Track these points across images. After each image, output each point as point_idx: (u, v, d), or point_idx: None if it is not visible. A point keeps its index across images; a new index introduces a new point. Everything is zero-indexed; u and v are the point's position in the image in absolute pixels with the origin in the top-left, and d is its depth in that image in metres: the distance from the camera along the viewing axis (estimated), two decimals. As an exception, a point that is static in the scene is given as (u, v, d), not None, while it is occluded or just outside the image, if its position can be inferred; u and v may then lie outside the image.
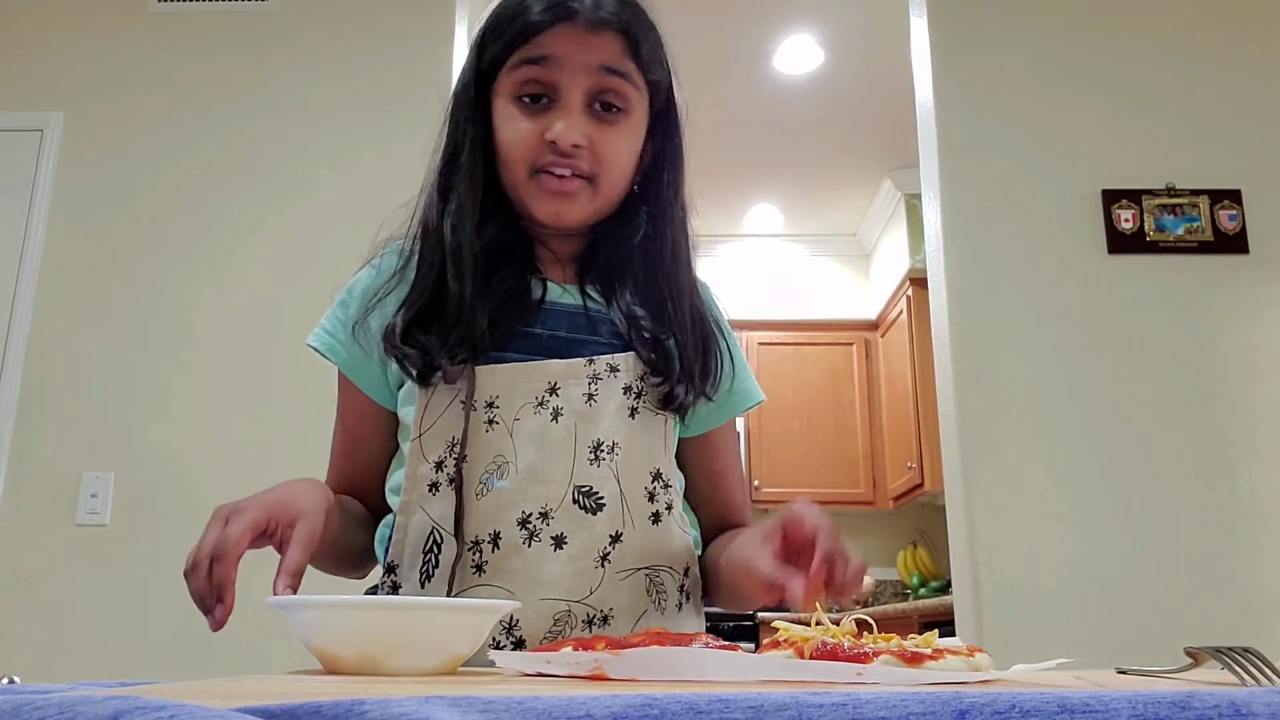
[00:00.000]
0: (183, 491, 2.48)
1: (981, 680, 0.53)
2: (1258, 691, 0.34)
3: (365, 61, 2.83)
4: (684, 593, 0.99)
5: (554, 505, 0.91)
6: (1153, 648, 2.27)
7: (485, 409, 0.93)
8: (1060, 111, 2.75)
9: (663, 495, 0.96)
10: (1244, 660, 0.56)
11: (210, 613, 0.75)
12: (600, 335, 0.98)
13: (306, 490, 0.84)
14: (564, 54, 0.92)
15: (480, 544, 0.91)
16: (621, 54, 0.94)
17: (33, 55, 2.84)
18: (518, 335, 0.96)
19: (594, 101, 0.95)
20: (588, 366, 0.95)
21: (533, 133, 0.94)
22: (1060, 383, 2.56)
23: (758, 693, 0.34)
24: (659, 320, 0.98)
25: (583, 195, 0.96)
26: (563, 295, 1.00)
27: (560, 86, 0.93)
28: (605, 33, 0.93)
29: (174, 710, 0.29)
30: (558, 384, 0.94)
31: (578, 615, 0.91)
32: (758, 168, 4.82)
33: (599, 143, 0.94)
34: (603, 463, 0.93)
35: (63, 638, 2.42)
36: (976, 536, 2.47)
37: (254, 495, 0.81)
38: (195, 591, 0.76)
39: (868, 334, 5.22)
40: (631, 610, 0.93)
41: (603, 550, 0.92)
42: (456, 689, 0.40)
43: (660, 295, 0.99)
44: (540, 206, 0.96)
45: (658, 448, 0.97)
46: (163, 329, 2.62)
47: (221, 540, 0.76)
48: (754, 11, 3.59)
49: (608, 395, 0.95)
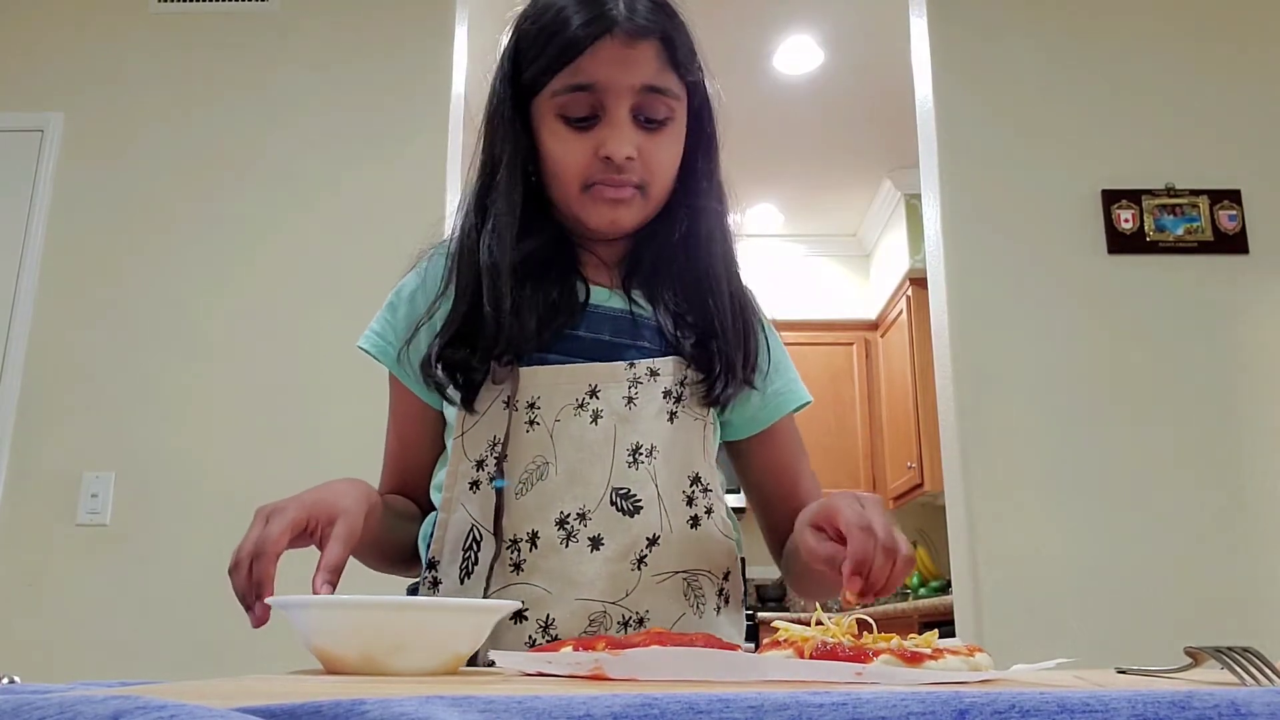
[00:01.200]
0: (183, 491, 2.48)
1: (981, 680, 0.53)
2: (1258, 691, 0.34)
3: (366, 62, 2.83)
4: (722, 596, 0.99)
5: (592, 507, 0.92)
6: (1153, 648, 2.27)
7: (526, 409, 0.94)
8: (1060, 111, 2.75)
9: (701, 499, 0.97)
10: (1244, 660, 0.56)
11: (250, 610, 0.76)
12: (644, 339, 0.99)
13: (347, 489, 0.86)
14: (606, 79, 0.92)
15: (519, 543, 0.92)
16: (661, 67, 0.95)
17: (33, 55, 2.84)
18: (562, 338, 0.97)
19: (638, 115, 0.95)
20: (628, 370, 0.96)
21: (585, 150, 0.94)
22: (1060, 382, 2.56)
23: (758, 693, 0.34)
24: (701, 314, 0.99)
25: (636, 203, 0.97)
26: (609, 299, 1.01)
27: (607, 105, 0.94)
28: (644, 43, 0.93)
29: (174, 710, 0.29)
30: (598, 386, 0.95)
31: (613, 616, 0.91)
32: (758, 168, 4.81)
33: (647, 152, 0.95)
34: (641, 465, 0.94)
35: (63, 638, 2.42)
36: (976, 536, 2.47)
37: (295, 495, 0.82)
38: (238, 589, 0.77)
39: (868, 334, 5.22)
40: (668, 613, 0.93)
41: (640, 553, 0.92)
42: (457, 689, 0.40)
43: (701, 288, 1.00)
44: (596, 217, 0.97)
45: (696, 451, 0.98)
46: (163, 329, 2.62)
47: (262, 539, 0.77)
48: (754, 11, 3.59)
49: (648, 399, 0.95)
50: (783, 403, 1.06)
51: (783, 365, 1.07)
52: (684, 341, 0.98)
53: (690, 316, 0.99)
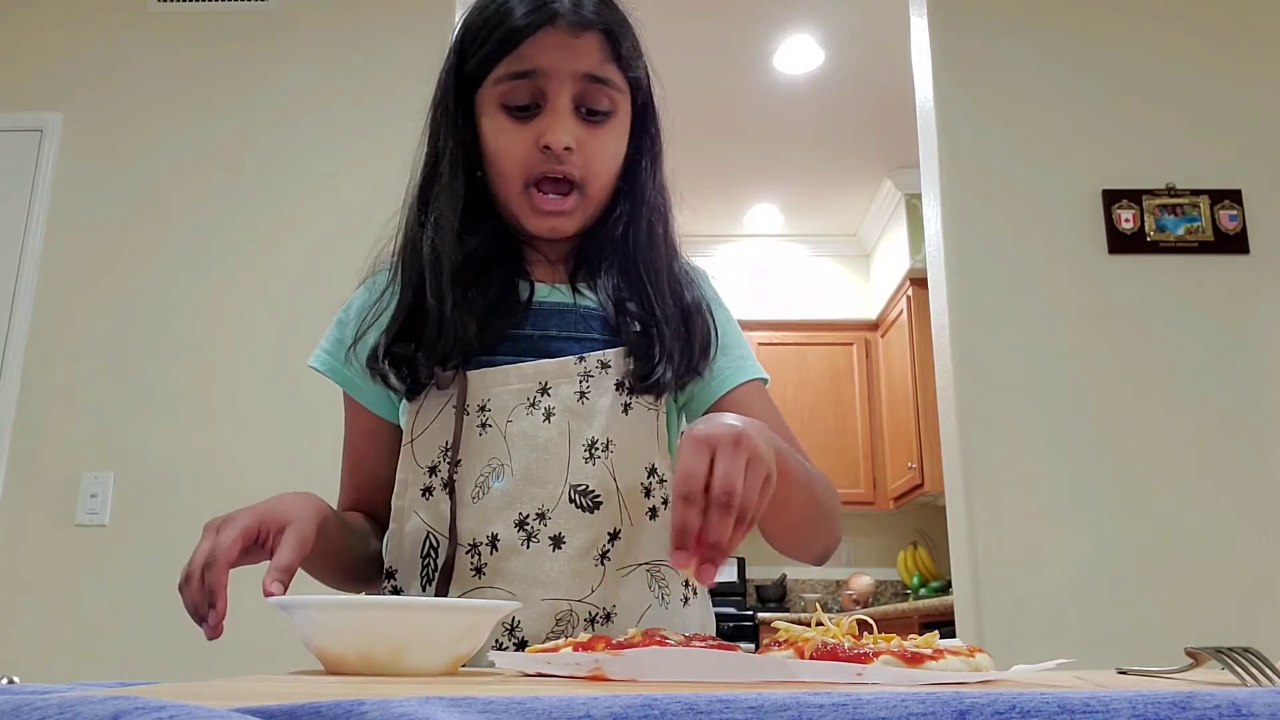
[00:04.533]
0: (183, 491, 2.48)
1: (981, 680, 0.53)
2: (1258, 691, 0.34)
3: (364, 61, 2.83)
4: (689, 586, 0.99)
5: (550, 506, 0.91)
6: (1153, 648, 2.27)
7: (478, 412, 0.94)
8: (1060, 111, 2.75)
9: (659, 490, 0.96)
10: (1244, 660, 0.56)
11: (204, 621, 0.75)
12: (593, 330, 0.98)
13: (298, 500, 0.85)
14: (549, 65, 0.93)
15: (478, 546, 0.91)
16: (603, 58, 0.95)
17: (33, 55, 2.84)
18: (508, 338, 0.96)
19: (580, 106, 0.95)
20: (578, 364, 0.95)
21: (525, 140, 0.94)
22: (1060, 382, 2.56)
23: (758, 693, 0.34)
24: (642, 303, 0.98)
25: (577, 210, 0.97)
26: (550, 294, 1.00)
27: (548, 93, 0.94)
28: (587, 34, 0.93)
29: (174, 710, 0.29)
30: (549, 384, 0.94)
31: (580, 614, 0.91)
32: (758, 168, 4.82)
33: (588, 145, 0.95)
34: (597, 460, 0.93)
35: (62, 638, 2.42)
36: (976, 536, 2.47)
37: (245, 507, 0.82)
38: (189, 602, 0.76)
39: (868, 334, 5.22)
40: (635, 607, 0.93)
41: (602, 548, 0.92)
42: (456, 689, 0.40)
43: (642, 277, 0.99)
44: (535, 223, 0.97)
45: (651, 442, 0.97)
46: (163, 329, 2.62)
47: (214, 548, 0.77)
48: (754, 11, 3.59)
49: (600, 392, 0.95)
50: (725, 380, 1.01)
51: (731, 345, 1.04)
52: (628, 330, 0.97)
53: (633, 304, 0.98)
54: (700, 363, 0.98)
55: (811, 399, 5.12)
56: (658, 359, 0.95)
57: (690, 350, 0.97)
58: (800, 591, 5.19)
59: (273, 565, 0.77)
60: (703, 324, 1.00)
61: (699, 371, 0.99)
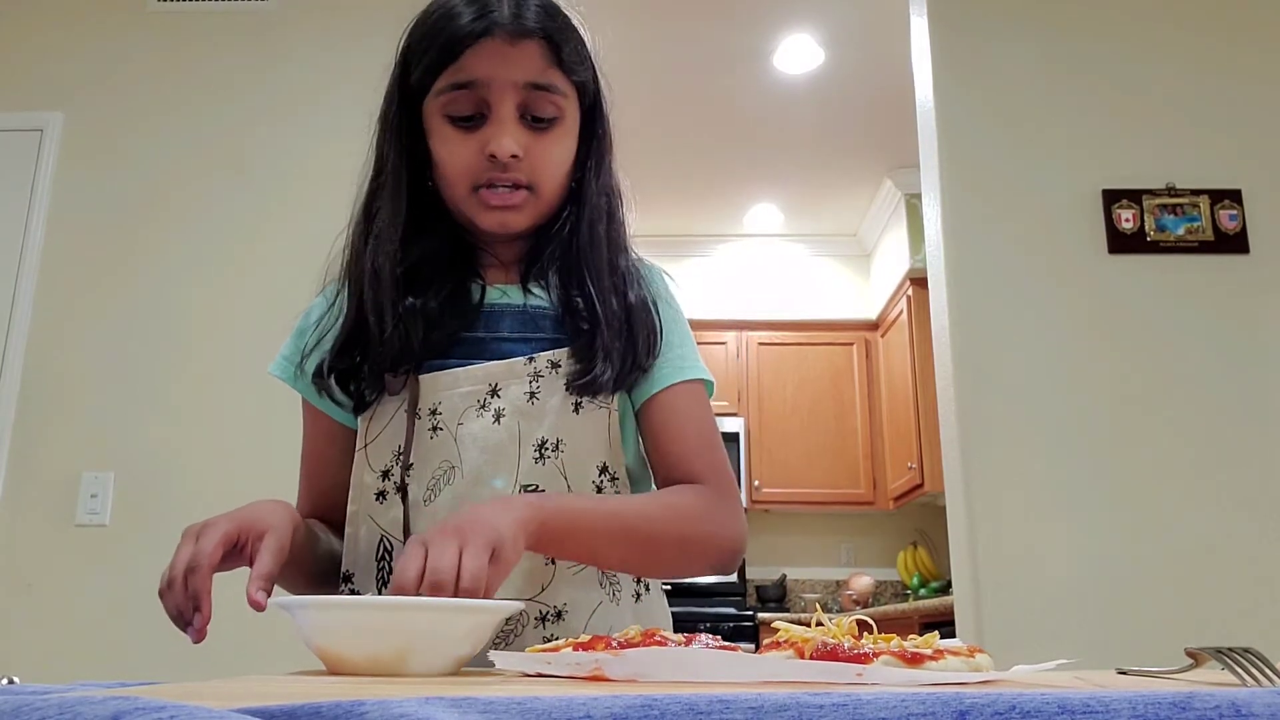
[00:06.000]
0: (182, 491, 2.48)
1: (982, 681, 0.53)
2: (1258, 692, 0.34)
3: (364, 61, 2.82)
4: (641, 583, 1.00)
5: None
6: (1153, 648, 2.27)
7: (429, 416, 0.94)
8: (1060, 112, 2.75)
9: (610, 489, 0.97)
10: (1244, 660, 0.56)
11: (189, 625, 0.76)
12: (544, 330, 0.99)
13: (273, 508, 0.86)
14: (489, 75, 0.93)
15: None
16: (545, 65, 0.95)
17: (33, 55, 2.84)
18: (460, 340, 0.97)
19: (525, 113, 0.95)
20: (528, 365, 0.96)
21: (471, 150, 0.95)
22: (1061, 383, 2.55)
23: (758, 693, 0.34)
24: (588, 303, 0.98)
25: (526, 205, 0.97)
26: (502, 296, 1.01)
27: (491, 103, 0.94)
28: (526, 43, 0.93)
29: (174, 710, 0.29)
30: (499, 385, 0.95)
31: (530, 613, 0.92)
32: (758, 168, 4.82)
33: (535, 152, 0.95)
34: (548, 460, 0.93)
35: (62, 638, 2.42)
36: (976, 536, 2.47)
37: (222, 514, 0.83)
38: (172, 607, 0.78)
39: (868, 334, 5.23)
40: (585, 604, 0.94)
41: None
42: (457, 690, 0.40)
43: (584, 278, 0.99)
44: (485, 219, 0.97)
45: (602, 441, 0.97)
46: (163, 329, 2.62)
47: (196, 554, 0.78)
48: (754, 11, 3.59)
49: (550, 392, 0.95)
50: (656, 380, 0.99)
51: (671, 344, 1.01)
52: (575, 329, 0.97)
53: (581, 304, 0.98)
54: (646, 360, 0.98)
55: (811, 399, 5.12)
56: (597, 359, 0.95)
57: (634, 349, 0.97)
58: (800, 592, 5.19)
59: (254, 574, 0.78)
60: (648, 322, 1.00)
61: (645, 369, 0.98)
